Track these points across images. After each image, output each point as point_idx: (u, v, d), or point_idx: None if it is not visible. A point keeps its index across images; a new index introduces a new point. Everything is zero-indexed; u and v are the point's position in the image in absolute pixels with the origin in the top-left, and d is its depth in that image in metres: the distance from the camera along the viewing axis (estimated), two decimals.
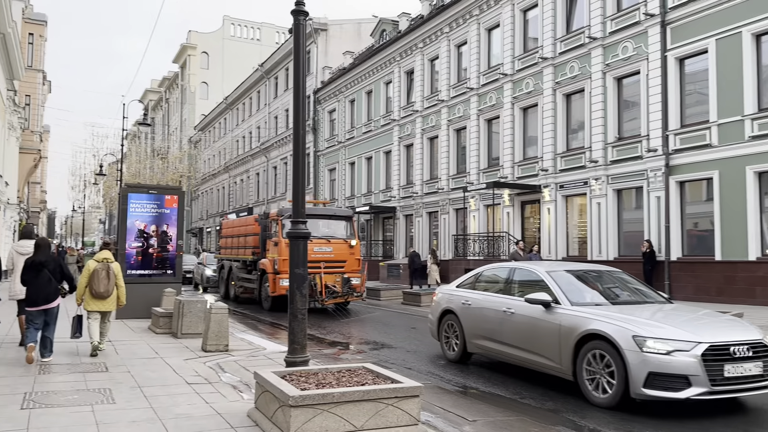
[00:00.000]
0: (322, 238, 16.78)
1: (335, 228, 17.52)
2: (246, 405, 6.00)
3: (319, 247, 16.48)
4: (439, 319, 9.62)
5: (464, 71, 27.04)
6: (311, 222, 16.30)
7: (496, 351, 8.33)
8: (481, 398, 7.32)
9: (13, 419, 5.31)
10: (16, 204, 34.52)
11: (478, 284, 9.25)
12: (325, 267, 16.31)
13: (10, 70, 27.17)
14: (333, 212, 18.84)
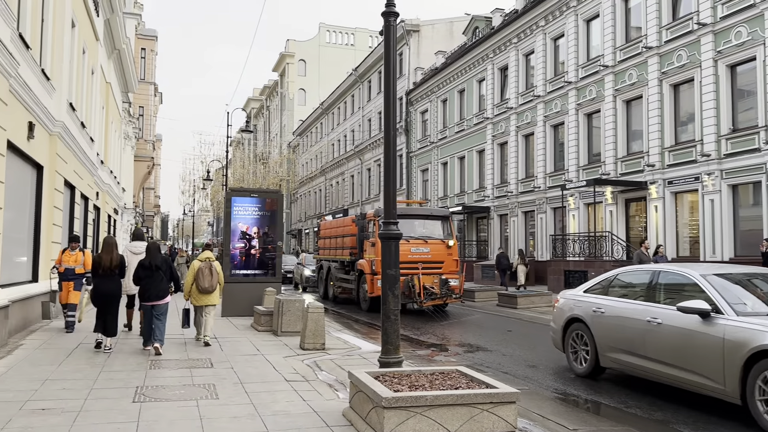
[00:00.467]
0: (419, 239, 16.57)
1: (432, 228, 17.22)
2: (341, 404, 6.06)
3: (416, 248, 16.31)
4: (564, 328, 8.66)
5: (561, 65, 26.15)
6: (407, 222, 16.24)
7: (638, 367, 7.27)
8: (583, 406, 7.00)
9: (126, 412, 5.66)
10: (132, 208, 37.14)
11: (612, 289, 8.20)
12: (423, 268, 16.06)
13: (125, 83, 29.27)
14: (429, 212, 18.53)
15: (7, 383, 6.67)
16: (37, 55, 11.48)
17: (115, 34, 22.86)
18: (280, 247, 15.11)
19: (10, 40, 8.85)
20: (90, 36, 17.72)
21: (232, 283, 14.36)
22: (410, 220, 16.85)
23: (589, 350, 8.11)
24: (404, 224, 16.15)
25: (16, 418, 5.33)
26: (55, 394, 6.26)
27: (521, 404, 5.91)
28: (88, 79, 17.71)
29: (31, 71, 10.79)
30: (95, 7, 18.06)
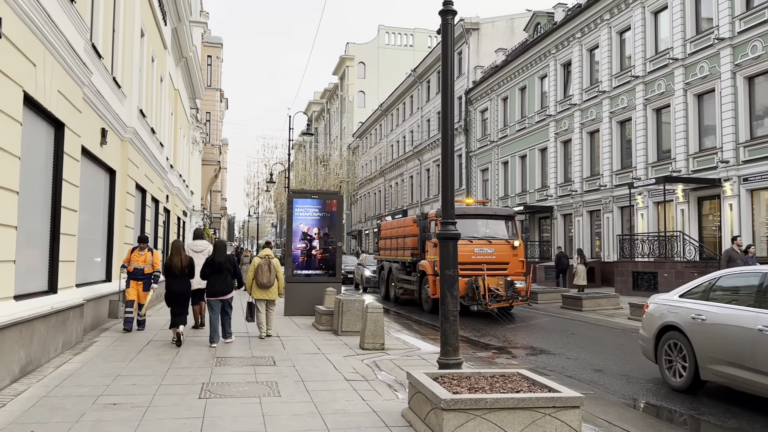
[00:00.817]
0: (483, 239, 16.19)
1: (496, 228, 16.76)
2: (400, 404, 6.05)
3: (479, 249, 15.98)
4: (657, 337, 7.87)
5: (628, 59, 25.29)
6: (470, 222, 16.23)
7: (748, 381, 6.50)
8: (651, 412, 6.73)
9: (192, 407, 5.83)
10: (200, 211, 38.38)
11: (713, 294, 7.49)
12: (487, 269, 15.66)
13: (193, 89, 30.30)
14: (494, 212, 17.92)
15: (82, 378, 7.00)
16: (108, 64, 12.02)
17: (183, 42, 23.69)
18: (340, 248, 15.26)
19: (83, 50, 9.30)
20: (158, 45, 18.43)
21: (294, 283, 14.62)
22: (473, 220, 16.58)
23: (688, 362, 7.35)
24: (467, 224, 15.68)
25: (89, 412, 5.58)
26: (126, 389, 6.52)
27: (586, 409, 5.73)
28: (157, 86, 18.42)
29: (103, 80, 11.31)
30: (163, 16, 18.77)
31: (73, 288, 9.11)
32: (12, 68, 6.46)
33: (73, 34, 8.60)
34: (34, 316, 7.19)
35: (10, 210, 6.53)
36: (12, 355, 6.56)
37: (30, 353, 7.13)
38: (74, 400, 5.96)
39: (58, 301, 8.25)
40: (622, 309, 16.92)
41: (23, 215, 7.06)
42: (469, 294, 15.33)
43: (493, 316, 15.92)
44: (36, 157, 7.69)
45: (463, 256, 14.81)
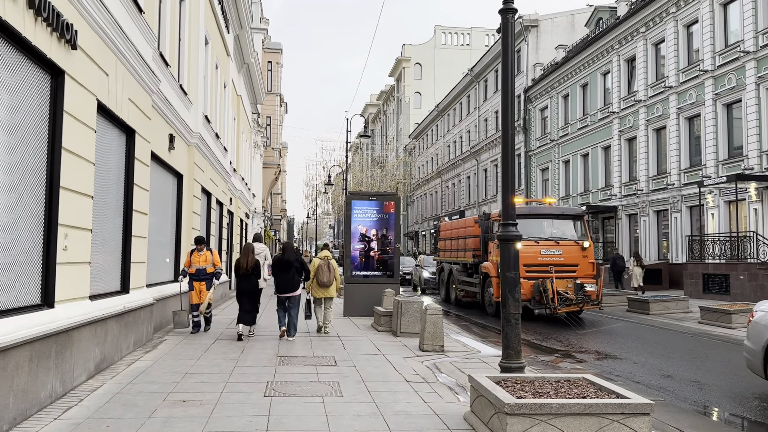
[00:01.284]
0: (550, 240, 15.58)
1: (564, 228, 16.10)
2: (462, 407, 6.01)
3: (546, 250, 15.35)
4: (767, 349, 7.01)
5: (695, 53, 24.29)
6: (536, 222, 15.79)
7: None
8: (725, 420, 6.43)
9: (257, 405, 5.96)
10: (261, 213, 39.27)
11: None
12: (555, 271, 15.02)
13: (254, 95, 31.03)
14: (561, 211, 17.22)
15: (153, 376, 7.28)
16: (175, 71, 12.46)
17: (244, 49, 24.31)
18: (398, 249, 15.28)
19: (152, 59, 9.67)
20: (222, 52, 18.97)
21: (353, 284, 14.75)
22: (539, 220, 16.07)
23: None
24: (533, 224, 15.47)
25: (161, 409, 5.79)
26: (194, 386, 6.73)
27: (655, 416, 5.54)
28: (220, 92, 18.97)
29: (171, 87, 11.73)
30: (226, 24, 19.31)
31: (143, 288, 9.49)
32: (86, 78, 6.79)
33: (142, 44, 8.96)
34: (108, 315, 7.52)
35: (86, 214, 6.86)
36: (88, 353, 6.88)
37: (104, 351, 7.46)
38: (146, 397, 6.20)
39: (130, 301, 8.60)
40: (692, 313, 16.24)
41: (97, 218, 7.40)
42: (536, 297, 14.76)
43: (555, 320, 15.54)
44: (109, 163, 8.05)
45: (529, 258, 14.57)
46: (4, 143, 5.31)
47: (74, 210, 6.48)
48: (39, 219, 5.94)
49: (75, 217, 6.50)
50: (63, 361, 6.11)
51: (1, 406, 4.86)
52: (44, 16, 5.60)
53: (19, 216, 5.57)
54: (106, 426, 5.20)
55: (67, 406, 5.77)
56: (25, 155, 5.67)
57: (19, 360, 5.13)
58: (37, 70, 5.85)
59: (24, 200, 5.66)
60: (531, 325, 14.18)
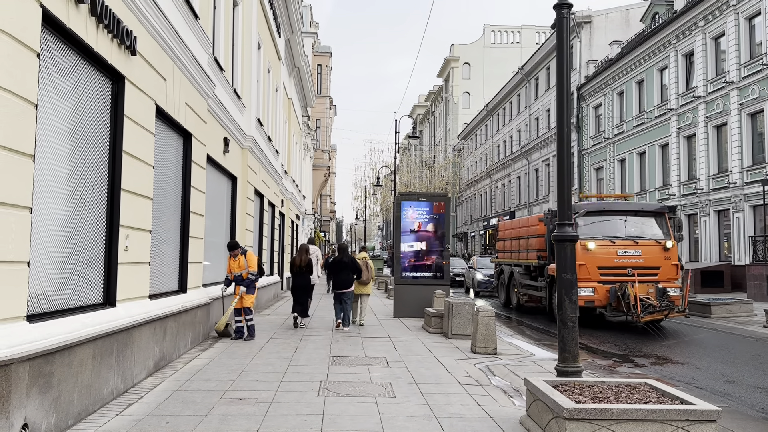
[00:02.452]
0: (628, 239, 14.10)
1: (643, 226, 14.58)
2: (517, 411, 5.89)
3: (624, 250, 13.92)
4: None
5: (758, 46, 23.24)
6: (612, 220, 14.47)
7: None
8: None
9: (312, 405, 5.99)
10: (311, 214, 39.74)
11: None
12: (634, 274, 13.58)
13: (304, 98, 31.42)
14: (640, 207, 15.54)
15: (209, 374, 7.42)
16: (229, 76, 12.72)
17: (295, 52, 24.64)
18: (448, 250, 15.16)
19: (207, 64, 9.89)
20: (273, 56, 19.27)
21: (402, 285, 14.72)
22: (616, 218, 14.64)
23: None
24: (608, 222, 14.44)
25: (218, 406, 5.89)
26: (250, 385, 6.83)
27: (722, 423, 5.30)
28: (272, 96, 19.27)
29: (225, 91, 11.98)
30: (277, 28, 19.61)
31: (200, 288, 9.70)
32: (145, 83, 6.99)
33: (197, 49, 9.17)
34: (166, 314, 7.72)
35: (146, 215, 7.06)
36: (147, 351, 7.07)
37: (163, 349, 7.66)
38: (203, 395, 6.33)
39: (187, 300, 8.81)
40: (756, 316, 15.52)
41: (156, 220, 7.61)
42: (612, 303, 13.45)
43: (610, 324, 15.00)
44: (167, 166, 8.26)
45: (604, 259, 13.82)
46: (68, 147, 5.51)
47: (134, 211, 6.68)
48: (101, 220, 6.14)
49: (135, 219, 6.70)
50: (124, 358, 6.30)
51: (67, 401, 5.03)
52: (105, 23, 5.79)
53: (83, 217, 5.77)
54: (165, 423, 5.32)
55: (128, 403, 5.94)
56: (88, 158, 5.87)
57: (83, 357, 5.31)
58: (98, 75, 6.05)
59: (87, 202, 5.86)
60: (586, 329, 13.70)
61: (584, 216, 14.23)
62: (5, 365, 4.07)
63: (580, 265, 12.90)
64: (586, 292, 13.36)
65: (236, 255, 10.55)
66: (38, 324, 4.69)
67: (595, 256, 13.74)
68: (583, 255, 13.41)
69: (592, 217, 14.44)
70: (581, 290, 12.79)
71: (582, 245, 13.44)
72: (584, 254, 13.55)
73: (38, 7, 4.63)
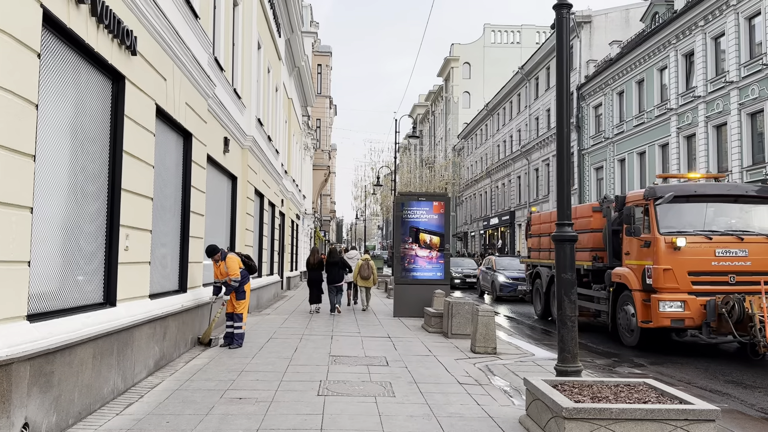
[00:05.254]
0: (729, 234, 10.60)
1: (749, 217, 10.99)
2: (517, 411, 5.90)
3: (724, 250, 10.44)
4: None
5: (758, 46, 23.24)
6: (700, 208, 10.87)
7: None
8: None
9: (311, 404, 6.01)
10: (311, 214, 39.74)
11: None
12: (737, 282, 10.27)
13: (304, 98, 31.42)
14: (744, 190, 11.54)
15: (210, 373, 7.43)
16: (229, 76, 12.73)
17: (295, 52, 24.65)
18: (448, 250, 15.17)
19: (207, 64, 9.90)
20: (273, 56, 19.28)
21: (402, 284, 14.74)
22: (709, 206, 11.00)
23: None
24: (701, 211, 10.91)
25: (218, 406, 5.90)
26: (250, 384, 6.84)
27: (721, 423, 5.31)
28: (272, 96, 19.28)
29: (225, 91, 11.99)
30: (277, 28, 19.62)
31: (200, 287, 9.71)
32: (145, 83, 7.00)
33: (198, 49, 9.18)
34: (167, 314, 7.73)
35: (146, 215, 7.07)
36: (148, 350, 7.09)
37: (163, 348, 7.68)
38: (203, 394, 6.34)
39: (188, 300, 8.82)
40: None
41: (157, 219, 7.62)
42: (710, 323, 9.98)
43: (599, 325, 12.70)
44: (167, 165, 8.27)
45: (698, 262, 10.36)
46: (68, 146, 5.53)
47: (135, 211, 6.69)
48: (101, 220, 6.15)
49: (135, 218, 6.71)
50: (124, 358, 6.31)
51: (67, 400, 5.05)
52: (106, 23, 5.80)
53: (83, 217, 5.79)
54: (166, 422, 5.34)
55: (128, 402, 5.95)
56: (88, 158, 5.89)
57: (83, 356, 5.33)
58: (98, 75, 6.06)
59: (87, 201, 5.87)
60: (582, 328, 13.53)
61: (671, 202, 10.74)
62: (6, 365, 4.09)
63: (665, 269, 10.35)
64: (672, 307, 10.22)
65: (216, 261, 9.57)
66: (39, 323, 4.70)
67: (685, 257, 10.34)
68: (668, 256, 10.38)
69: (678, 203, 10.84)
70: (666, 304, 10.23)
71: (667, 242, 10.43)
72: (670, 255, 10.38)
73: (39, 7, 4.65)
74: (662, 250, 10.42)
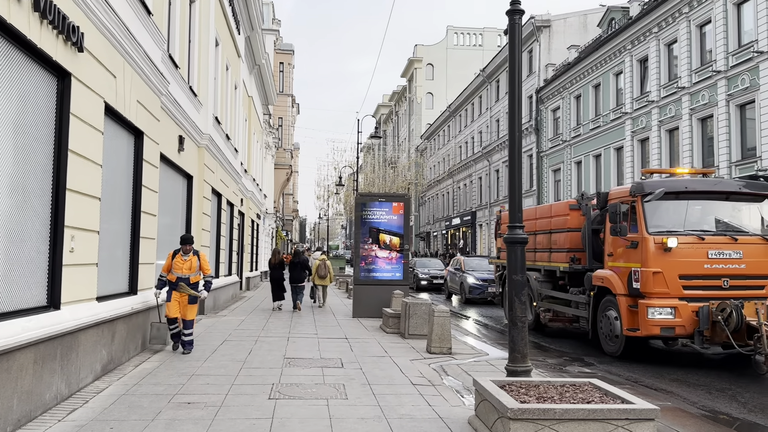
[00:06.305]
0: (723, 235, 9.80)
1: (742, 215, 10.24)
2: (467, 411, 5.96)
3: (717, 252, 9.61)
4: None
5: (708, 53, 24.02)
6: (694, 206, 10.09)
7: None
8: (733, 424, 6.33)
9: (262, 408, 5.95)
10: (273, 213, 39.37)
11: None
12: (731, 286, 9.54)
13: (265, 96, 31.11)
14: (737, 187, 10.39)
15: (159, 377, 7.29)
16: (185, 73, 12.51)
17: (256, 50, 24.38)
18: (408, 250, 15.24)
19: (161, 60, 9.71)
20: (232, 53, 19.03)
21: (362, 285, 14.74)
22: (702, 203, 10.19)
23: None
24: (691, 209, 10.12)
25: (165, 411, 5.80)
26: (200, 388, 6.74)
27: (662, 421, 5.47)
28: (231, 93, 19.03)
29: (180, 89, 11.78)
30: (237, 26, 19.37)
31: (152, 289, 9.51)
32: (93, 80, 6.82)
33: (150, 46, 9.00)
34: (115, 317, 7.55)
35: (93, 215, 6.89)
36: (95, 354, 6.91)
37: (111, 352, 7.50)
38: (151, 399, 6.22)
39: (138, 302, 8.64)
40: None
41: (105, 220, 7.43)
42: (704, 332, 9.18)
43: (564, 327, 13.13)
44: (117, 165, 8.08)
45: (690, 265, 9.56)
46: (11, 145, 5.35)
47: (81, 212, 6.52)
48: (45, 221, 5.97)
49: (82, 219, 6.54)
50: (69, 362, 6.14)
51: (5, 408, 4.89)
52: (50, 19, 5.63)
53: (26, 218, 5.61)
54: (110, 428, 5.22)
55: (72, 408, 5.80)
56: (32, 157, 5.71)
57: (23, 362, 5.16)
58: (43, 72, 5.88)
59: (31, 202, 5.70)
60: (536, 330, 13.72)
61: (661, 199, 9.87)
62: None
63: (655, 272, 9.49)
64: (662, 314, 9.41)
65: (187, 252, 9.00)
66: None
67: (676, 259, 9.51)
68: (658, 257, 9.54)
69: (669, 201, 10.00)
70: (655, 311, 9.44)
71: (657, 243, 9.58)
72: (660, 256, 9.53)
73: None
74: (651, 251, 9.57)
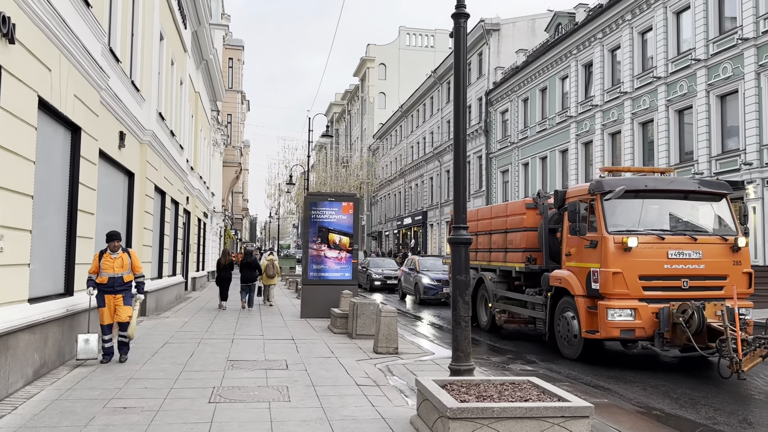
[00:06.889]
0: (682, 235, 9.59)
1: (701, 214, 10.12)
2: (409, 411, 5.99)
3: (677, 252, 9.36)
4: None
5: (650, 60, 24.92)
6: (657, 204, 9.89)
7: None
8: (666, 421, 6.57)
9: (200, 412, 5.83)
10: (221, 212, 38.69)
11: None
12: (690, 287, 9.34)
13: (213, 92, 30.54)
14: (696, 186, 10.33)
15: (95, 381, 7.06)
16: (126, 67, 12.15)
17: (203, 45, 23.90)
18: (356, 250, 15.22)
19: (100, 54, 9.40)
20: (178, 48, 18.59)
21: (310, 285, 14.64)
22: (662, 201, 9.99)
23: None
24: (652, 208, 9.91)
25: (99, 416, 5.61)
26: (137, 392, 6.55)
27: (597, 418, 5.63)
28: (177, 89, 18.58)
29: (121, 83, 11.43)
30: (183, 20, 18.94)
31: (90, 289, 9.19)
32: (26, 73, 6.55)
33: (89, 39, 8.69)
34: (48, 319, 7.27)
35: (25, 214, 6.61)
36: (26, 358, 6.64)
37: (44, 356, 7.21)
38: (85, 404, 6.01)
39: (74, 303, 8.33)
40: None
41: (38, 219, 7.15)
42: (664, 333, 8.98)
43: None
44: (52, 161, 7.78)
45: (650, 265, 9.30)
46: None
47: (11, 210, 6.24)
48: None
49: (12, 218, 6.27)
50: None
51: None
52: None
53: None
54: None
55: (0, 415, 5.55)
56: None
57: None
58: None
59: None
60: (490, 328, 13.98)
61: (621, 197, 9.68)
62: None
63: (615, 273, 9.20)
64: (622, 315, 9.15)
65: (116, 250, 8.26)
66: None
67: (636, 259, 9.26)
68: (618, 258, 9.26)
69: (628, 199, 9.76)
70: (615, 312, 9.16)
71: (617, 242, 9.31)
72: (620, 256, 9.25)
73: None
74: (611, 251, 9.28)
